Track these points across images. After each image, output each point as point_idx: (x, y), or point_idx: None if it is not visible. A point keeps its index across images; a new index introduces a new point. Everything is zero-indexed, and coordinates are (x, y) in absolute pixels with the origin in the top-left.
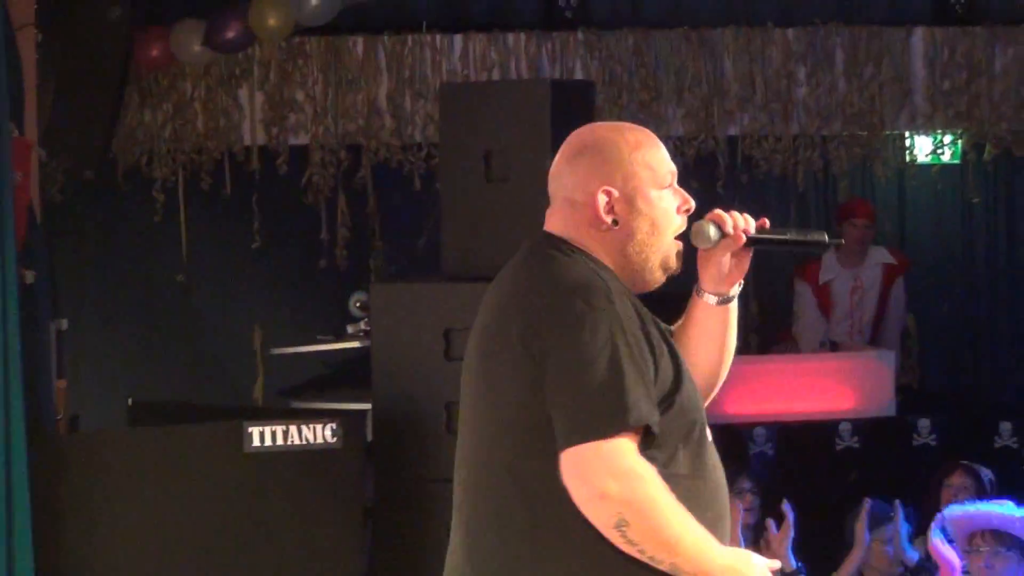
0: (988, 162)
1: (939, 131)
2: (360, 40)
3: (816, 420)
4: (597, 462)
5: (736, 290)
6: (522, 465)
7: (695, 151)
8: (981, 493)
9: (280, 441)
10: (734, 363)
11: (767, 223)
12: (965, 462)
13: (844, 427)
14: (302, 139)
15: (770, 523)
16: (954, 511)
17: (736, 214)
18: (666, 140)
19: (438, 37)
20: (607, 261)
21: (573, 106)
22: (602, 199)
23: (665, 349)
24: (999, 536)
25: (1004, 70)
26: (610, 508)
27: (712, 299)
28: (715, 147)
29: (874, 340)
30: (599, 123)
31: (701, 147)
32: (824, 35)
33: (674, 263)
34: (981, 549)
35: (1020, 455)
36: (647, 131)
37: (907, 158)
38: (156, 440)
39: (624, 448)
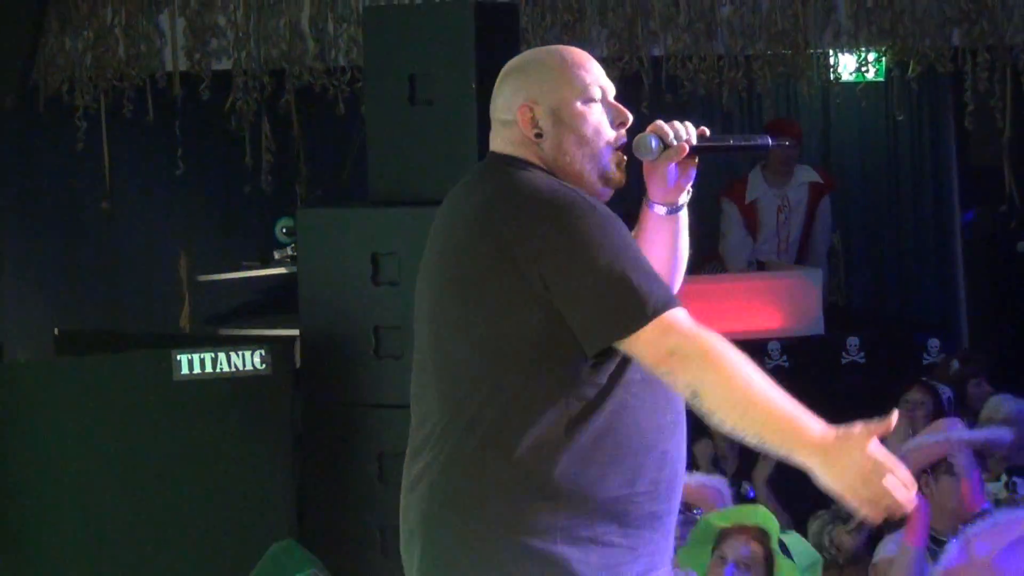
0: (912, 79)
1: (863, 49)
2: None
3: (745, 339)
4: (665, 336)
5: (685, 198)
6: (501, 379)
7: (619, 72)
8: (938, 411)
9: (209, 368)
10: None
11: (707, 131)
12: (925, 379)
13: (773, 346)
14: (224, 64)
15: None
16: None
17: (677, 124)
18: None
19: None
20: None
21: (497, 28)
22: (524, 115)
23: None
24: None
25: None
26: (685, 375)
27: (662, 210)
28: (639, 68)
29: (800, 259)
30: (539, 47)
31: (625, 68)
32: None
33: (617, 175)
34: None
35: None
36: (579, 50)
37: (831, 76)
38: (84, 369)
39: (682, 315)
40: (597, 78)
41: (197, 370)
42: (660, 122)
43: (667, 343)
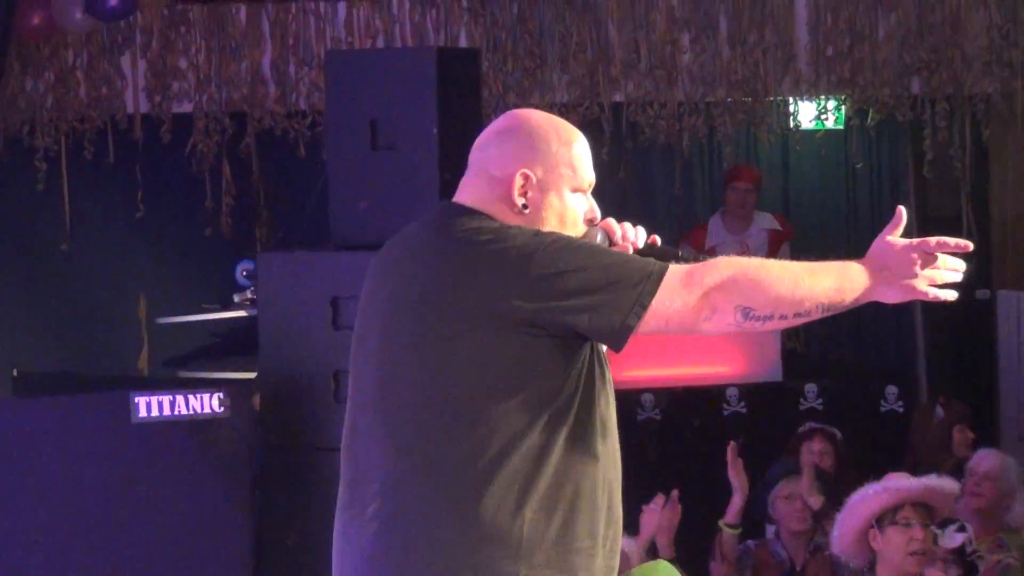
0: (872, 127)
1: (823, 97)
2: (243, 7)
3: (703, 385)
4: (687, 286)
5: None
6: (462, 427)
7: (580, 118)
8: (839, 454)
9: (167, 411)
10: None
11: (658, 240)
12: (817, 425)
13: (731, 392)
14: (185, 107)
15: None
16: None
17: (627, 225)
18: (551, 107)
19: (322, 4)
20: None
21: (459, 74)
22: (519, 180)
23: None
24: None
25: (887, 35)
26: (727, 303)
27: None
28: (600, 114)
29: None
30: (538, 111)
31: (586, 114)
32: (708, 1)
33: None
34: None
35: (905, 418)
36: (580, 134)
37: (791, 124)
38: (42, 411)
39: (675, 267)
40: (590, 170)
41: (155, 413)
42: (612, 220)
43: (694, 290)
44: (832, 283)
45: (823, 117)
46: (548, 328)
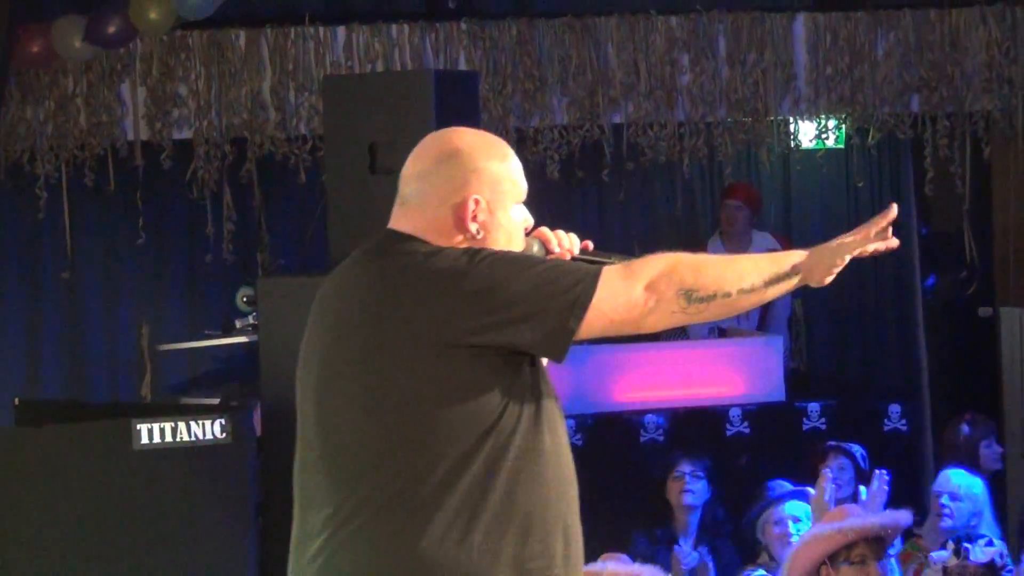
0: (872, 146)
1: (823, 116)
2: (242, 33)
3: (706, 406)
4: (628, 280)
5: None
6: (409, 458)
7: (580, 140)
8: (859, 471)
9: (169, 438)
10: (623, 351)
11: (590, 246)
12: (833, 443)
13: (734, 413)
14: (186, 133)
15: None
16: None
17: (561, 233)
18: (551, 129)
19: (321, 29)
20: None
21: (458, 97)
22: (471, 206)
23: None
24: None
25: (886, 54)
26: (669, 289)
27: None
28: (600, 136)
29: (761, 325)
30: (465, 128)
31: (586, 136)
32: (707, 22)
33: None
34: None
35: (909, 437)
36: (507, 145)
37: (791, 143)
38: (43, 439)
39: (611, 266)
40: (524, 180)
41: (157, 439)
42: (545, 228)
43: (635, 283)
44: (767, 257)
45: (823, 136)
46: (488, 346)
